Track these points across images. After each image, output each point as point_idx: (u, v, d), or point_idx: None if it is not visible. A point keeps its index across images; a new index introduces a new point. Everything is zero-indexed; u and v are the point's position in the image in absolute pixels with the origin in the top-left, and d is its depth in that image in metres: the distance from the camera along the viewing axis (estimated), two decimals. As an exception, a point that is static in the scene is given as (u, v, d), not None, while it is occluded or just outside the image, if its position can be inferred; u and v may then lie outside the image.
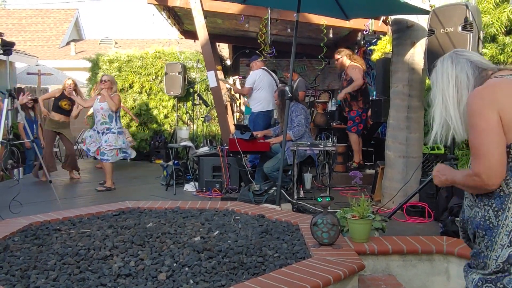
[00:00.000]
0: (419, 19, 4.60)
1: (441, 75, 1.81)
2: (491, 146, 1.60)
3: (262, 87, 6.78)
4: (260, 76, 6.83)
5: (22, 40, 17.17)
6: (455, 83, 1.77)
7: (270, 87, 6.79)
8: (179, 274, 2.56)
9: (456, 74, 1.78)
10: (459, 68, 1.78)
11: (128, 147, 6.40)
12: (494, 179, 1.61)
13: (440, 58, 1.86)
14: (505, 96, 1.63)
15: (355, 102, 6.46)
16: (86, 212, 3.98)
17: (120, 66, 9.71)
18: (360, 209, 3.14)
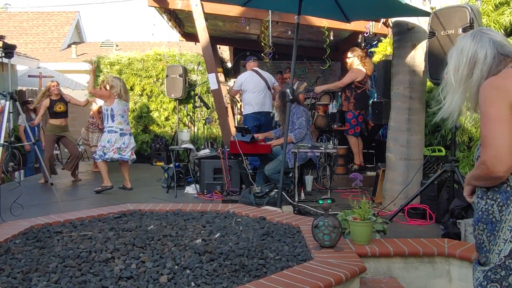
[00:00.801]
0: (420, 21, 4.60)
1: (458, 49, 1.78)
2: (500, 135, 1.59)
3: (249, 90, 6.75)
4: (247, 79, 6.80)
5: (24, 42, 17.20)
6: (470, 60, 1.74)
7: (258, 89, 6.72)
8: (180, 276, 2.56)
9: (475, 50, 1.73)
10: (479, 45, 1.74)
11: (127, 149, 6.21)
12: (499, 167, 1.59)
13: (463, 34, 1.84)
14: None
15: (346, 103, 6.49)
16: (88, 214, 3.98)
17: (121, 69, 9.72)
18: (361, 211, 3.14)
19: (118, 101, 6.15)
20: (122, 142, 6.15)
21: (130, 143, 6.27)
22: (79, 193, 6.04)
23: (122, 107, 6.17)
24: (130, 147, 6.25)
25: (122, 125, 6.18)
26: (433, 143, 5.24)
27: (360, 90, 6.45)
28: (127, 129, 6.30)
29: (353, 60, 6.57)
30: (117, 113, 6.13)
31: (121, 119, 6.18)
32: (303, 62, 11.39)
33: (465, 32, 3.72)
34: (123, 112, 6.22)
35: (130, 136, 6.31)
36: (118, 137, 6.13)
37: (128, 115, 6.43)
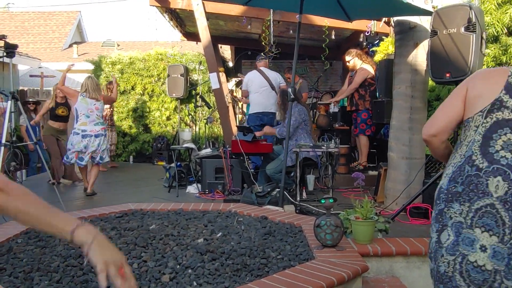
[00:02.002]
0: (421, 20, 4.59)
1: None
2: (444, 104, 1.80)
3: (252, 90, 6.76)
4: (250, 78, 6.81)
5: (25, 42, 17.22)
6: None
7: (261, 89, 6.71)
8: (182, 276, 2.56)
9: None
10: None
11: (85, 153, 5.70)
12: (426, 128, 1.82)
13: None
14: (483, 79, 1.73)
15: (362, 102, 6.43)
16: (89, 214, 3.98)
17: (122, 68, 9.73)
18: (363, 211, 3.13)
19: (81, 99, 5.73)
20: (83, 145, 5.66)
21: (90, 146, 5.69)
22: (81, 193, 6.04)
23: (86, 106, 5.71)
24: (89, 150, 5.69)
25: (85, 125, 5.70)
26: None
27: (373, 87, 6.41)
28: (93, 130, 5.72)
29: (354, 61, 6.53)
30: (81, 113, 5.70)
31: (86, 119, 5.71)
32: (305, 61, 11.38)
33: (467, 31, 3.72)
34: (89, 111, 5.72)
35: (96, 138, 5.73)
36: (80, 139, 5.66)
37: (98, 115, 5.82)
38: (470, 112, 1.70)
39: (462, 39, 3.76)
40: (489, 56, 4.58)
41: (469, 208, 1.59)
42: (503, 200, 1.54)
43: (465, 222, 1.59)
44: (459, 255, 1.58)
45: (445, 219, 1.65)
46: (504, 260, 1.51)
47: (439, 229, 1.67)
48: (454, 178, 1.66)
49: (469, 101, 1.71)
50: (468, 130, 1.70)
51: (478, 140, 1.64)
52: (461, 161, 1.67)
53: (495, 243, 1.53)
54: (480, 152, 1.63)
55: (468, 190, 1.61)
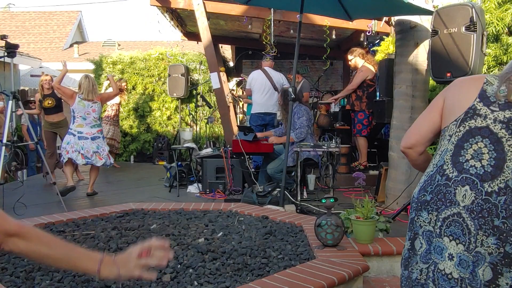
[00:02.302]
0: (422, 20, 4.59)
1: None
2: (420, 117, 1.80)
3: (254, 90, 6.76)
4: (253, 78, 6.81)
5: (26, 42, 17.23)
6: None
7: (262, 89, 6.71)
8: (183, 275, 2.57)
9: None
10: None
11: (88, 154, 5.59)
12: (403, 141, 1.81)
13: None
14: (458, 87, 1.72)
15: (358, 103, 6.43)
16: (90, 213, 3.99)
17: (123, 68, 9.73)
18: (364, 210, 3.13)
19: (79, 101, 5.61)
20: (80, 146, 5.56)
21: (90, 148, 5.60)
22: (82, 193, 6.05)
23: (83, 108, 5.61)
24: (91, 151, 5.60)
25: (82, 127, 5.62)
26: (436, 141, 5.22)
27: (372, 88, 6.41)
28: (89, 133, 5.64)
29: (356, 60, 6.53)
30: (78, 115, 5.62)
31: (82, 121, 5.62)
32: (305, 61, 11.37)
33: (468, 30, 3.72)
34: (85, 114, 5.62)
35: (92, 141, 5.64)
36: (76, 140, 5.56)
37: (95, 117, 5.72)
38: (446, 122, 1.70)
39: (462, 39, 3.76)
40: (490, 55, 4.57)
41: (437, 217, 1.60)
42: (470, 209, 1.55)
43: (434, 231, 1.60)
44: (431, 263, 1.60)
45: (416, 228, 1.66)
46: (469, 268, 1.53)
47: (412, 237, 1.68)
48: (424, 187, 1.67)
49: (445, 111, 1.71)
50: (443, 139, 1.70)
51: (450, 150, 1.64)
52: (433, 171, 1.67)
53: (461, 251, 1.55)
54: (451, 162, 1.63)
55: (436, 199, 1.61)
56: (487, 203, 1.53)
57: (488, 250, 1.51)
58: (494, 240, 1.51)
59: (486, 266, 1.51)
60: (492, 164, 1.56)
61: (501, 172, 1.55)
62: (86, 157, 5.61)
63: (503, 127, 1.57)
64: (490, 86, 1.64)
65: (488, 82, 1.65)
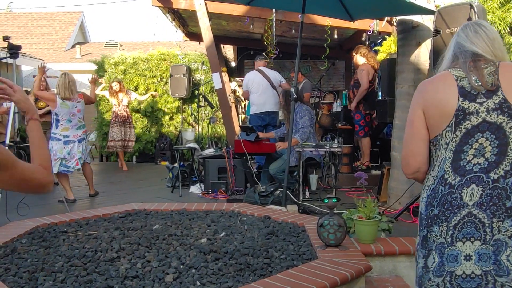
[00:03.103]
0: (424, 20, 4.59)
1: None
2: (408, 138, 1.74)
3: (253, 90, 6.75)
4: (250, 79, 6.80)
5: (28, 43, 17.27)
6: (442, 59, 1.81)
7: (260, 89, 6.70)
8: (185, 275, 2.57)
9: (447, 50, 1.80)
10: (449, 46, 1.80)
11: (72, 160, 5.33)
12: (405, 169, 1.75)
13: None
14: (432, 93, 1.67)
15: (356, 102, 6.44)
16: (93, 214, 3.99)
17: (125, 69, 9.74)
18: (366, 210, 3.13)
19: (61, 103, 5.29)
20: (66, 151, 5.28)
21: (76, 152, 5.35)
22: (84, 193, 6.06)
23: (68, 110, 5.31)
24: (76, 156, 5.34)
25: (68, 131, 5.33)
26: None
27: (370, 88, 6.42)
28: (76, 135, 5.37)
29: (357, 58, 6.55)
30: (63, 118, 5.31)
31: (68, 124, 5.33)
32: (307, 61, 11.37)
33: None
34: (71, 116, 5.33)
35: (79, 143, 5.39)
36: (62, 145, 5.27)
37: (80, 117, 5.46)
38: (436, 130, 1.65)
39: (465, 38, 3.75)
40: (492, 55, 4.56)
41: (447, 227, 1.60)
42: (479, 204, 1.55)
43: (446, 241, 1.60)
44: (446, 274, 1.59)
45: (430, 244, 1.65)
46: (491, 260, 1.53)
47: (426, 255, 1.66)
48: (430, 202, 1.66)
49: (431, 121, 1.66)
50: (439, 148, 1.66)
51: (449, 157, 1.63)
52: (435, 183, 1.66)
53: (479, 247, 1.54)
54: (452, 169, 1.61)
55: (444, 210, 1.61)
56: (495, 190, 1.53)
57: (507, 234, 1.51)
58: (510, 222, 1.51)
59: (510, 251, 1.51)
60: (495, 152, 1.56)
61: (505, 156, 1.55)
62: (65, 165, 5.30)
63: (498, 113, 1.57)
64: (464, 81, 1.63)
65: (459, 78, 1.64)
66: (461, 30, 1.79)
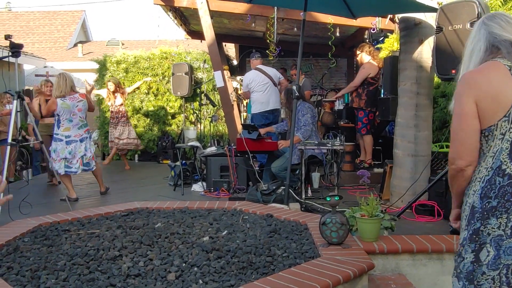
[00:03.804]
0: (426, 17, 4.57)
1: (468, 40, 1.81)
2: (460, 131, 1.66)
3: (255, 90, 6.72)
4: (251, 79, 6.77)
5: (30, 42, 17.29)
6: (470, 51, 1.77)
7: (264, 87, 6.69)
8: (188, 274, 2.57)
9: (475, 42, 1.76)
10: (477, 37, 1.76)
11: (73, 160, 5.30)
12: (458, 161, 1.67)
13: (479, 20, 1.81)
14: (484, 84, 1.63)
15: (358, 100, 6.42)
16: (95, 212, 4.00)
17: (127, 67, 9.74)
18: (369, 208, 3.12)
19: (62, 103, 5.24)
20: (67, 151, 5.25)
21: (78, 151, 5.31)
22: (86, 192, 6.07)
23: (69, 109, 5.26)
24: (77, 156, 5.30)
25: (69, 131, 5.29)
26: (440, 139, 5.20)
27: (373, 86, 6.40)
28: (77, 135, 5.32)
29: (361, 56, 6.53)
30: (63, 118, 5.26)
31: (69, 124, 5.28)
32: (309, 59, 11.36)
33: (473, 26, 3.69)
34: (71, 115, 5.29)
35: (81, 143, 5.34)
36: (64, 146, 5.24)
37: (82, 117, 5.41)
38: (490, 120, 1.62)
39: (467, 35, 3.72)
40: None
41: (508, 219, 1.57)
42: None
43: (505, 233, 1.57)
44: (502, 267, 1.56)
45: (483, 237, 1.61)
46: None
47: (477, 249, 1.62)
48: (485, 194, 1.62)
49: (485, 112, 1.62)
50: (493, 139, 1.63)
51: (506, 148, 1.60)
52: (489, 174, 1.62)
53: None
54: (510, 159, 1.59)
55: (504, 201, 1.58)
56: None
57: None
58: None
59: None
60: None
61: None
62: (67, 166, 5.26)
63: None
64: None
65: (511, 67, 1.62)
66: (488, 20, 1.76)
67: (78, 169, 5.34)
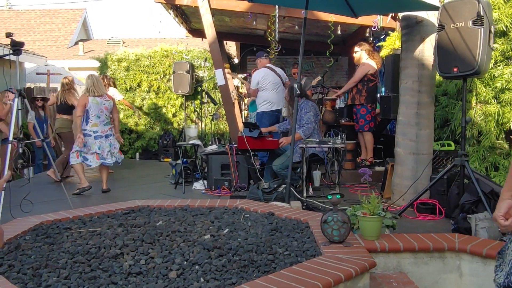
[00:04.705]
0: (428, 15, 4.56)
1: None
2: None
3: (266, 87, 6.67)
4: (264, 76, 6.70)
5: (31, 40, 17.30)
6: None
7: (275, 86, 6.66)
8: (189, 272, 2.56)
9: None
10: None
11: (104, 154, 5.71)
12: None
13: None
14: None
15: (358, 96, 6.42)
16: (96, 210, 3.99)
17: (128, 65, 9.75)
18: (370, 207, 3.12)
19: (92, 99, 5.68)
20: (97, 146, 5.65)
21: (105, 146, 5.71)
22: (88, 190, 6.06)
23: (97, 105, 5.67)
24: (106, 150, 5.70)
25: (97, 127, 5.68)
26: (442, 137, 5.20)
27: (372, 83, 6.40)
28: (103, 131, 5.72)
29: (361, 54, 6.52)
30: (92, 114, 5.67)
31: (97, 120, 5.69)
32: (310, 57, 11.34)
33: (475, 25, 3.68)
34: (99, 111, 5.69)
35: (106, 139, 5.73)
36: (93, 140, 5.65)
37: (107, 115, 5.80)
38: None
39: (469, 33, 3.73)
40: (497, 50, 4.53)
41: None
42: None
43: None
44: None
45: None
46: None
47: None
48: None
49: None
50: None
51: None
52: None
53: None
54: None
55: None
56: None
57: None
58: None
59: None
60: None
61: None
62: (101, 157, 5.68)
63: None
64: None
65: None
66: None
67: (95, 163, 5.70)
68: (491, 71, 4.56)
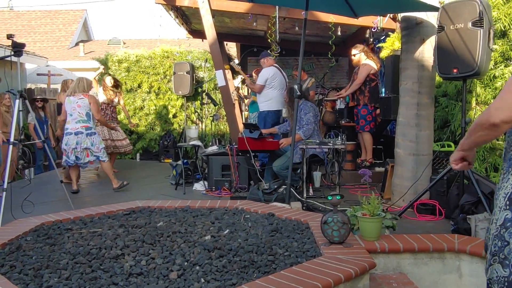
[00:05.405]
0: (428, 16, 4.57)
1: None
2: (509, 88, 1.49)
3: (274, 86, 6.64)
4: (273, 75, 6.66)
5: (32, 41, 17.31)
6: None
7: (282, 87, 6.67)
8: (190, 273, 2.57)
9: None
10: None
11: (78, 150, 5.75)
12: (498, 113, 1.48)
13: None
14: None
15: (362, 97, 6.43)
16: (97, 211, 4.00)
17: (128, 66, 9.76)
18: (370, 207, 3.13)
19: (67, 100, 5.89)
20: (64, 143, 5.79)
21: (71, 144, 5.71)
22: (88, 191, 6.08)
23: (70, 104, 5.81)
24: (71, 147, 5.71)
25: (69, 124, 5.77)
26: (442, 138, 5.20)
27: (374, 83, 6.41)
28: (73, 128, 5.73)
29: (360, 56, 6.53)
30: (68, 113, 5.83)
31: (69, 117, 5.79)
32: (311, 58, 11.35)
33: (475, 26, 3.69)
34: (71, 110, 5.78)
35: (75, 136, 5.70)
36: (66, 137, 5.77)
37: (81, 113, 5.78)
38: None
39: (469, 35, 3.74)
40: (497, 51, 4.54)
41: None
42: None
43: None
44: None
45: None
46: None
47: None
48: None
49: None
50: None
51: None
52: None
53: None
54: None
55: None
56: None
57: None
58: None
59: None
60: None
61: None
62: (67, 156, 5.74)
63: None
64: None
65: None
66: None
67: (73, 161, 5.75)
68: (491, 71, 4.57)
